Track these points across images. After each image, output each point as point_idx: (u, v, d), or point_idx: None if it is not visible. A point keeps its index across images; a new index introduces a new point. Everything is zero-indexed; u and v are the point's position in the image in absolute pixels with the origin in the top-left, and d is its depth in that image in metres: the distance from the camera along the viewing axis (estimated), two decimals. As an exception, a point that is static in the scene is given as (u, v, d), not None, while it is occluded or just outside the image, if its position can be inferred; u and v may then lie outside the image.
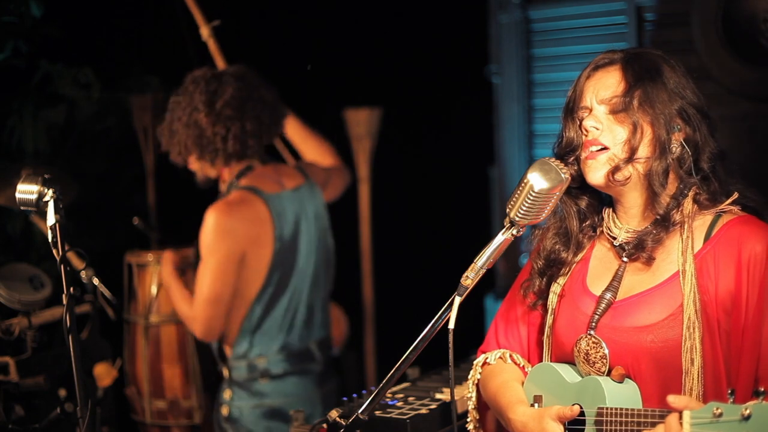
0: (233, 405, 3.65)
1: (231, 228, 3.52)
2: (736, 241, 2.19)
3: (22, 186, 2.73)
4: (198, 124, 3.53)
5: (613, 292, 2.28)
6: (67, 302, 2.52)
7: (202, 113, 3.53)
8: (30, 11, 4.27)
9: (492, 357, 2.48)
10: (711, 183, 2.27)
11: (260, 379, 3.63)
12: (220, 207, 3.56)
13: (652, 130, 2.22)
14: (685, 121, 2.25)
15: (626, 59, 2.28)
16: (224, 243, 3.52)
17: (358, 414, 2.26)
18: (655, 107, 2.22)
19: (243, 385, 3.65)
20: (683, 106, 2.24)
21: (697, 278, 2.19)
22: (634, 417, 2.10)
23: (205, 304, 3.55)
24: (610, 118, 2.25)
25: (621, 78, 2.25)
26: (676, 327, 2.17)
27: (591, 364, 2.25)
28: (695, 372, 2.16)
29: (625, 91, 2.23)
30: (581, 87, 2.30)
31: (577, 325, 2.30)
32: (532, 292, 2.42)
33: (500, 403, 2.36)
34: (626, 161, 2.22)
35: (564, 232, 2.38)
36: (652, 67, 2.26)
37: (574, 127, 2.30)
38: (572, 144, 2.30)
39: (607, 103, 2.25)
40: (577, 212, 2.37)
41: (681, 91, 2.26)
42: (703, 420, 1.86)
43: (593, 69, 2.31)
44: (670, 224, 2.24)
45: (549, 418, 2.20)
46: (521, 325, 2.48)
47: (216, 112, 3.53)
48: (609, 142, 2.24)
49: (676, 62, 2.30)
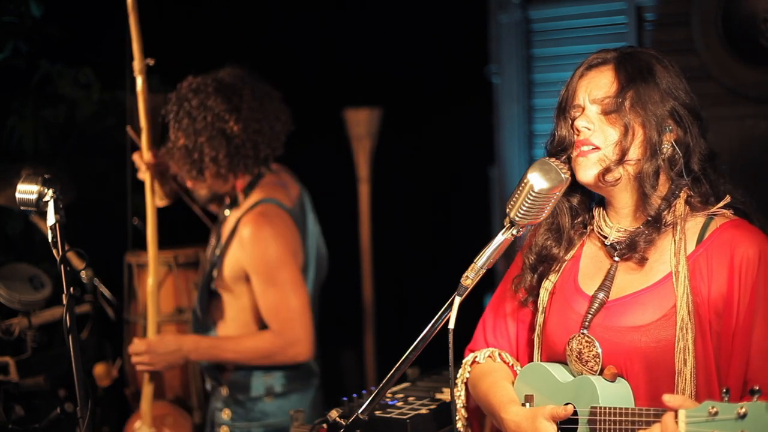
0: (235, 426, 3.45)
1: (287, 235, 3.37)
2: (729, 245, 2.19)
3: (22, 186, 2.73)
4: (226, 133, 3.32)
5: (605, 291, 2.28)
6: (67, 302, 2.52)
7: (231, 121, 3.32)
8: (30, 11, 4.27)
9: (481, 356, 2.48)
10: (702, 184, 2.27)
11: (265, 398, 3.45)
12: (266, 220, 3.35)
13: (644, 131, 2.23)
14: (676, 123, 2.25)
15: (619, 59, 2.27)
16: (289, 251, 3.35)
17: (358, 414, 2.26)
18: (646, 109, 2.22)
19: (245, 405, 3.46)
20: (675, 107, 2.24)
21: (689, 280, 2.19)
22: (628, 416, 2.10)
23: (303, 318, 3.33)
24: (602, 119, 2.25)
25: (614, 78, 2.25)
26: (669, 328, 2.18)
27: (584, 363, 2.26)
28: (688, 372, 2.17)
29: (618, 92, 2.23)
30: (574, 86, 2.30)
31: (570, 324, 2.30)
32: (524, 287, 2.42)
33: (492, 403, 2.36)
34: (617, 163, 2.22)
35: (556, 228, 2.38)
36: (645, 68, 2.25)
37: (566, 125, 2.30)
38: (564, 143, 2.30)
39: (599, 104, 2.25)
40: (569, 209, 2.38)
41: (673, 91, 2.25)
42: (698, 419, 1.87)
43: (586, 68, 2.30)
44: (662, 225, 2.24)
45: (542, 418, 2.20)
46: (510, 323, 2.48)
47: (244, 117, 3.33)
48: (600, 143, 2.24)
49: (669, 62, 2.30)
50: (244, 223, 3.37)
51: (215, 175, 3.38)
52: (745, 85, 3.62)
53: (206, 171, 3.37)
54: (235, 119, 3.32)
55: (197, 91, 3.36)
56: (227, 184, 3.44)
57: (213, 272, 3.46)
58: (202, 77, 3.42)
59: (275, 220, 3.37)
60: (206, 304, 3.51)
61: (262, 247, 3.32)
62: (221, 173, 3.37)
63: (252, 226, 3.34)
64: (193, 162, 3.35)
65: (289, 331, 3.33)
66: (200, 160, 3.34)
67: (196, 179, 3.40)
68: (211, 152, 3.32)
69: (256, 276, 3.35)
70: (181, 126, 3.35)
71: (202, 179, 3.40)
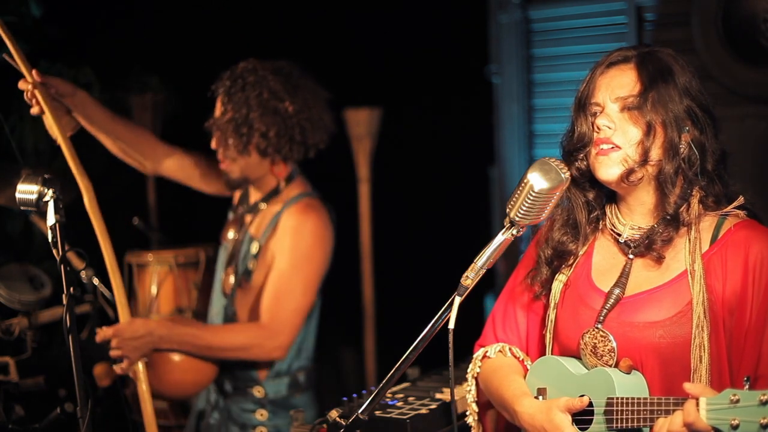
0: (270, 426, 3.39)
1: (326, 237, 3.38)
2: (743, 245, 2.22)
3: (22, 186, 2.73)
4: (279, 111, 3.30)
5: (621, 288, 2.30)
6: (67, 302, 2.53)
7: (286, 101, 3.31)
8: (30, 11, 4.27)
9: (492, 350, 2.49)
10: (715, 184, 2.29)
11: (296, 394, 3.43)
12: (314, 213, 3.37)
13: (664, 131, 2.24)
14: (693, 123, 2.27)
15: (640, 58, 2.29)
16: (321, 251, 3.36)
17: (358, 414, 2.27)
18: (667, 108, 2.24)
19: (281, 404, 3.41)
20: (692, 107, 2.27)
21: (704, 278, 2.21)
22: (647, 406, 2.12)
23: (295, 314, 3.31)
24: (623, 118, 2.26)
25: (636, 78, 2.26)
26: (685, 324, 2.20)
27: (599, 357, 2.27)
28: (703, 369, 2.19)
29: (641, 92, 2.25)
30: (594, 83, 2.31)
31: (584, 319, 2.32)
32: (538, 282, 2.43)
33: (504, 397, 2.37)
34: (641, 164, 2.24)
35: (573, 224, 2.40)
36: (665, 68, 2.27)
37: (587, 122, 2.30)
38: (584, 139, 2.30)
39: (621, 102, 2.26)
40: (585, 203, 2.39)
41: (691, 91, 2.28)
42: (720, 406, 1.91)
43: (607, 66, 2.31)
44: (680, 224, 2.27)
45: (557, 410, 2.21)
46: (520, 318, 2.49)
47: (299, 100, 3.33)
48: (621, 142, 2.25)
49: (685, 61, 2.32)
50: (290, 214, 3.35)
51: (261, 153, 3.33)
52: (745, 85, 3.62)
53: (251, 147, 3.32)
54: (290, 100, 3.31)
55: (254, 71, 3.35)
56: (263, 169, 3.39)
57: (249, 265, 3.41)
58: (261, 61, 3.41)
59: (322, 215, 3.38)
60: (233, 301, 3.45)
61: (299, 237, 3.31)
62: (267, 152, 3.33)
63: (299, 216, 3.33)
64: (240, 135, 3.31)
65: (278, 323, 3.29)
66: (249, 134, 3.30)
67: (240, 154, 3.34)
68: (262, 127, 3.29)
69: (280, 259, 3.32)
70: (232, 99, 3.32)
71: (246, 155, 3.34)
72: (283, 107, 3.32)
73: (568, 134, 2.37)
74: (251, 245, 3.43)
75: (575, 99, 2.35)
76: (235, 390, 3.45)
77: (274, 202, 3.45)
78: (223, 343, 3.28)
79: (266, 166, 3.39)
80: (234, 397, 3.44)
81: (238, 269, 3.45)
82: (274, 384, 3.41)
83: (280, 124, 3.31)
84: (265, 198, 3.46)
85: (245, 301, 3.43)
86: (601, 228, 2.41)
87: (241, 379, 3.42)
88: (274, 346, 3.29)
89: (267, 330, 3.29)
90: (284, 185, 3.44)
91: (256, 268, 3.40)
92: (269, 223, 3.41)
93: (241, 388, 3.43)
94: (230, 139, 3.32)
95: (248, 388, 3.41)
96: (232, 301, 3.45)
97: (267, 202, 3.46)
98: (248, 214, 3.50)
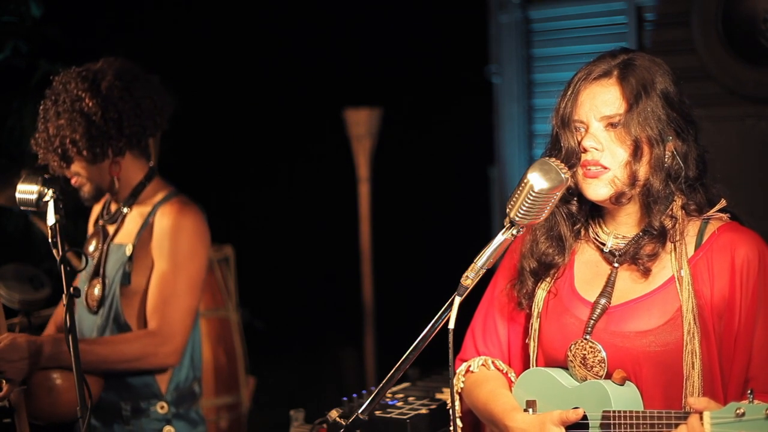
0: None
1: (206, 234, 3.23)
2: (728, 248, 2.21)
3: (22, 186, 2.73)
4: (84, 112, 3.10)
5: (607, 297, 2.27)
6: (67, 302, 2.52)
7: (86, 99, 3.10)
8: (30, 11, 4.28)
9: (474, 364, 2.45)
10: (697, 190, 2.28)
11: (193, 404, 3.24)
12: (190, 211, 3.19)
13: (650, 149, 2.22)
14: (676, 132, 2.24)
15: (622, 72, 2.24)
16: (203, 249, 3.20)
17: (358, 414, 2.26)
18: (653, 125, 2.21)
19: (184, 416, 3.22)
20: (674, 116, 2.24)
21: (692, 284, 2.20)
22: (646, 419, 2.09)
23: (185, 316, 3.12)
24: (609, 138, 2.23)
25: (620, 94, 2.23)
26: (675, 331, 2.19)
27: (588, 368, 2.25)
28: (696, 376, 2.17)
29: (627, 110, 2.22)
30: (576, 99, 2.27)
31: (569, 329, 2.29)
32: (523, 294, 2.39)
33: (493, 412, 2.33)
34: (630, 186, 2.23)
35: (557, 237, 2.37)
36: (647, 79, 2.24)
37: (573, 138, 2.27)
38: (572, 157, 2.26)
39: (606, 120, 2.24)
40: (569, 215, 2.36)
41: (672, 99, 2.25)
42: (725, 420, 1.88)
43: (589, 81, 2.27)
44: (667, 240, 2.25)
45: (551, 423, 2.18)
46: (501, 330, 2.45)
47: (102, 95, 3.11)
48: (609, 163, 2.23)
49: (664, 65, 2.28)
50: (164, 214, 3.20)
51: (84, 158, 3.15)
52: (745, 85, 3.62)
53: (69, 155, 3.14)
54: (90, 96, 3.12)
55: (62, 79, 3.20)
56: (104, 172, 3.21)
57: (126, 267, 3.20)
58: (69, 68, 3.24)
59: (198, 213, 3.23)
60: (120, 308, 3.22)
61: (178, 237, 3.16)
62: (85, 156, 3.14)
63: (175, 216, 3.18)
64: (54, 149, 3.14)
65: (168, 327, 3.11)
66: (62, 145, 3.13)
67: (64, 169, 3.17)
68: (72, 134, 3.12)
69: (160, 262, 3.17)
70: (47, 116, 3.17)
71: (78, 163, 3.17)
72: (85, 105, 3.13)
73: (553, 148, 2.33)
74: (123, 250, 3.25)
75: (557, 113, 2.31)
76: (134, 412, 3.18)
77: (139, 204, 3.29)
78: (116, 355, 3.06)
79: (105, 168, 3.22)
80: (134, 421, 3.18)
81: (107, 279, 3.25)
82: (178, 397, 3.21)
83: (86, 124, 3.11)
84: (127, 202, 3.29)
85: (131, 310, 3.22)
86: (582, 237, 2.38)
87: (141, 398, 3.18)
88: (168, 351, 3.10)
89: (158, 336, 3.10)
90: (144, 186, 3.28)
91: (134, 270, 3.22)
92: (141, 225, 3.26)
93: (141, 408, 3.18)
94: (48, 155, 3.17)
95: (151, 407, 3.18)
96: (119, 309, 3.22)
97: (129, 206, 3.29)
98: (110, 224, 3.33)
